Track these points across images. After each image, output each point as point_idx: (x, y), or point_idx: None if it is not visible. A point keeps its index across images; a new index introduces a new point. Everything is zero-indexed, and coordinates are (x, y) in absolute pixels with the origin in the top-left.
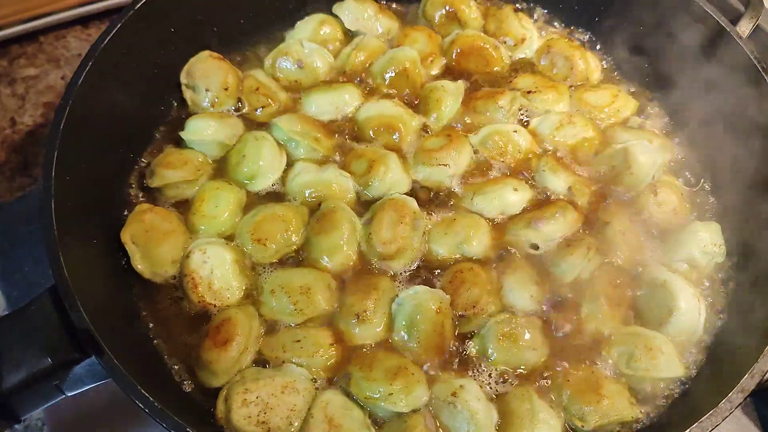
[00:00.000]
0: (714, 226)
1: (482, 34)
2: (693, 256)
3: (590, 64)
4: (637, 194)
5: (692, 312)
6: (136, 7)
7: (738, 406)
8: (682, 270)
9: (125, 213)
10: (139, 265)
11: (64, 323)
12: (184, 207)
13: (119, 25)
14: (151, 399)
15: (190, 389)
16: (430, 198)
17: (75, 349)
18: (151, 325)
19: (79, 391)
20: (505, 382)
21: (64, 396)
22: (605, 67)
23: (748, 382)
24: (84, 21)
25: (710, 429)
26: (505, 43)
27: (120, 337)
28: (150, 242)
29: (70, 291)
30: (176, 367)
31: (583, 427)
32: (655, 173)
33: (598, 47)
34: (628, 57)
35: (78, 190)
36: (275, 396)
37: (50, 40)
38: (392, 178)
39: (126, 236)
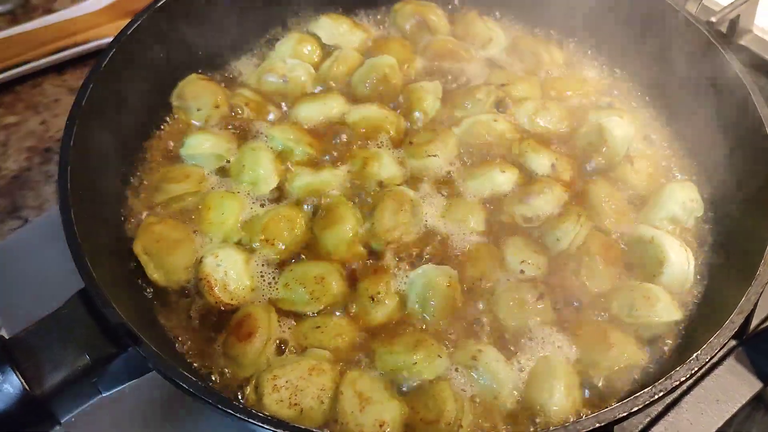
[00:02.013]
0: (688, 184)
1: (452, 38)
2: (674, 213)
3: (554, 55)
4: (616, 165)
5: (681, 262)
6: (128, 33)
7: (729, 339)
8: (666, 227)
9: (130, 226)
10: (154, 274)
11: (97, 321)
12: (188, 217)
13: (113, 52)
14: (193, 378)
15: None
16: (424, 187)
17: (111, 344)
18: (169, 326)
19: (116, 390)
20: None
21: (101, 395)
22: (570, 56)
23: (737, 318)
24: (59, 68)
25: (707, 360)
26: (474, 44)
27: (146, 334)
28: (162, 251)
29: (101, 290)
30: (196, 364)
31: (596, 375)
32: (629, 145)
33: (557, 39)
34: (590, 45)
35: (88, 207)
36: (304, 378)
37: (26, 89)
38: (387, 173)
39: (138, 248)
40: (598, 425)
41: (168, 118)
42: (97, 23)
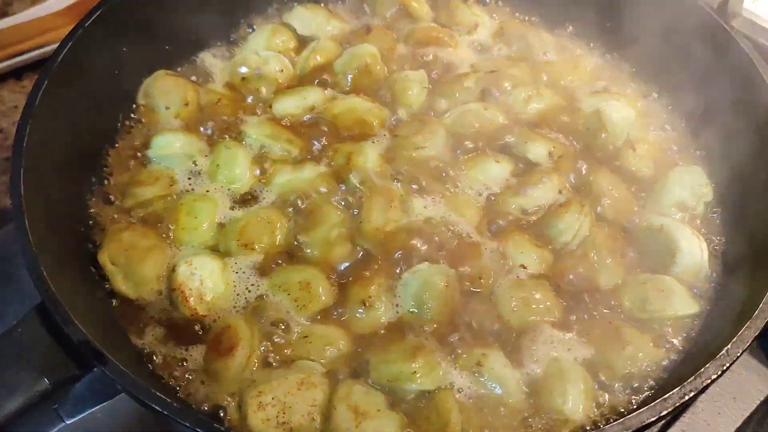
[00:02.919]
0: (696, 168)
1: (435, 25)
2: (682, 200)
3: (544, 40)
4: (616, 151)
5: (694, 251)
6: (86, 25)
7: (757, 334)
8: (674, 214)
9: (94, 234)
10: (123, 286)
11: (56, 340)
12: (159, 223)
13: (69, 46)
14: (168, 399)
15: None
16: (413, 182)
17: (73, 364)
18: (139, 342)
19: (80, 416)
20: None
21: (63, 424)
22: (560, 41)
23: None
24: (17, 73)
25: (738, 355)
26: (458, 31)
27: (114, 352)
28: (131, 261)
29: (61, 304)
30: (171, 383)
31: (611, 376)
32: (629, 130)
33: (546, 23)
34: (579, 28)
35: (46, 214)
36: (292, 394)
37: None
38: (372, 167)
39: (104, 258)
40: None
41: (134, 118)
42: (57, 25)
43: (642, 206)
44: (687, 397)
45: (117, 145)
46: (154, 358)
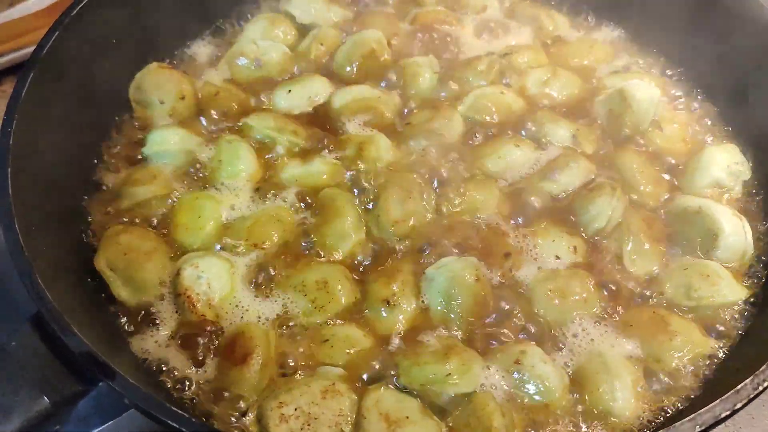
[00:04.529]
0: (730, 146)
1: (442, 8)
2: (718, 179)
3: (557, 20)
4: (643, 132)
5: (737, 232)
6: (71, 15)
7: None
8: (711, 195)
9: (91, 238)
10: (122, 292)
11: (55, 353)
12: (159, 224)
13: (53, 39)
14: (182, 414)
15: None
16: (431, 171)
17: (75, 380)
18: (146, 353)
19: None
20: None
21: None
22: (572, 20)
23: None
24: None
25: None
26: (467, 13)
27: (119, 364)
28: (131, 265)
29: (58, 312)
30: (184, 396)
31: (661, 369)
32: (655, 109)
33: (557, 2)
34: (592, 6)
35: (38, 218)
36: (316, 404)
37: None
38: (386, 158)
39: (101, 263)
40: (699, 429)
41: (128, 115)
42: (38, 26)
43: (675, 189)
44: (761, 388)
45: (111, 143)
46: (163, 369)
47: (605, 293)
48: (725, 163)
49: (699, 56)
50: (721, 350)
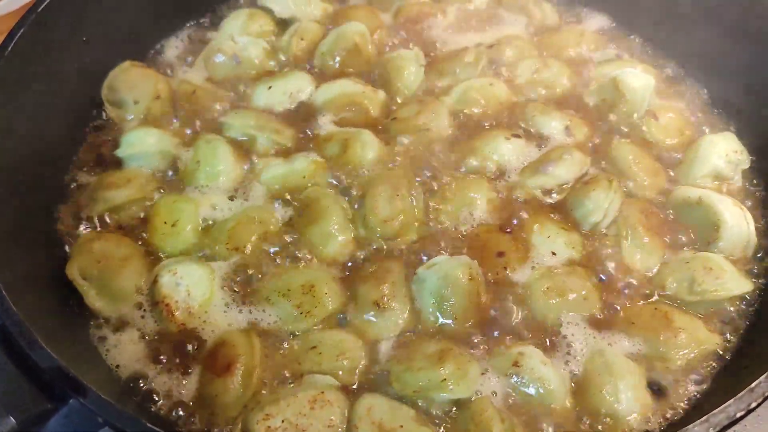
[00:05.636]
0: (728, 135)
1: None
2: (717, 168)
3: (545, 10)
4: (638, 122)
5: (739, 222)
6: (38, 9)
7: None
8: (710, 185)
9: (63, 246)
10: (96, 302)
11: (22, 370)
12: (135, 229)
13: (15, 41)
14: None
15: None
16: (419, 167)
17: (44, 398)
18: (121, 366)
19: None
20: (562, 341)
21: None
22: (561, 9)
23: None
24: None
25: None
26: (452, 4)
27: (92, 380)
28: (105, 273)
29: (24, 325)
30: (163, 410)
31: (665, 367)
32: (649, 98)
33: None
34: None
35: (4, 225)
36: (304, 415)
37: None
38: (371, 155)
39: (73, 271)
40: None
41: (101, 116)
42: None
43: (673, 179)
44: None
45: (83, 146)
46: (140, 382)
47: (604, 289)
48: (724, 151)
49: (691, 44)
50: (727, 346)
